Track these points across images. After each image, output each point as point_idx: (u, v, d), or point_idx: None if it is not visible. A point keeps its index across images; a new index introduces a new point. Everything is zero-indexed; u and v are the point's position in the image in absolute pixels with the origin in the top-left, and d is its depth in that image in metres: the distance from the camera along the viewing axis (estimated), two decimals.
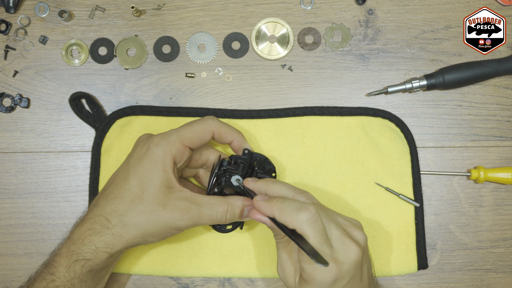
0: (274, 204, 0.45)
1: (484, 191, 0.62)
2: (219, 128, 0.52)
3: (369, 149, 0.60)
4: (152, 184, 0.47)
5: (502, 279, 0.61)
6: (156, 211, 0.47)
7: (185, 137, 0.49)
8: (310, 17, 0.63)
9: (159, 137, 0.49)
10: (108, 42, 0.63)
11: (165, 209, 0.47)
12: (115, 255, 0.49)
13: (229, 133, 0.53)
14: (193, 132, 0.50)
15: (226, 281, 0.61)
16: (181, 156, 0.49)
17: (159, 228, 0.48)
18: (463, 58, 0.62)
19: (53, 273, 0.48)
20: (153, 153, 0.48)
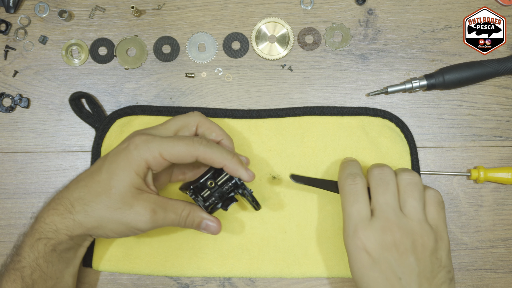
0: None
1: (484, 191, 0.62)
2: (206, 154, 0.48)
3: (369, 149, 0.60)
4: (122, 183, 0.47)
5: (502, 279, 0.61)
6: (120, 210, 0.47)
7: (165, 150, 0.48)
8: (310, 17, 0.63)
9: (141, 139, 0.48)
10: (108, 42, 0.63)
11: (130, 209, 0.48)
12: (76, 238, 0.50)
13: (218, 159, 0.49)
14: (174, 149, 0.48)
15: (226, 281, 0.61)
16: (158, 166, 0.49)
17: (121, 226, 0.48)
18: (463, 58, 0.62)
19: (19, 254, 0.49)
20: (130, 154, 0.48)
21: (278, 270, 0.59)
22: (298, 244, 0.60)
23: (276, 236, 0.60)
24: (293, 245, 0.60)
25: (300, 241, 0.60)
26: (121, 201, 0.47)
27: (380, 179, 0.50)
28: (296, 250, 0.59)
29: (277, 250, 0.59)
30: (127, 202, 0.47)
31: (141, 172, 0.48)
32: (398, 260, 0.47)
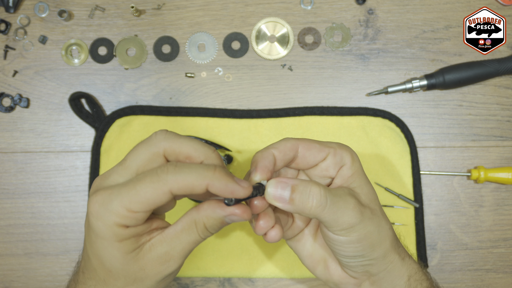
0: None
1: (484, 191, 0.62)
2: (179, 183, 0.34)
3: (369, 149, 0.60)
4: (114, 262, 0.37)
5: (503, 279, 0.61)
6: (136, 281, 0.38)
7: (131, 203, 0.34)
8: (310, 17, 0.63)
9: (98, 204, 0.35)
10: (108, 42, 0.63)
11: (145, 276, 0.37)
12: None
13: (197, 183, 0.34)
14: (140, 195, 0.34)
15: (226, 281, 0.61)
16: (134, 221, 0.35)
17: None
18: (463, 58, 0.62)
19: None
20: (96, 228, 0.36)
21: (278, 270, 0.59)
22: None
23: None
24: None
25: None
26: (130, 277, 0.38)
27: None
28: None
29: (277, 250, 0.59)
30: (135, 273, 0.37)
31: (119, 238, 0.36)
32: None
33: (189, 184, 0.34)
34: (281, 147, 0.41)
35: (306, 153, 0.42)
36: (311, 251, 0.46)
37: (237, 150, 0.60)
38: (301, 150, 0.42)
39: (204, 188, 0.34)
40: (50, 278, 0.61)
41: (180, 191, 0.34)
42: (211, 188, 0.34)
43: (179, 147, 0.37)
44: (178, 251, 0.37)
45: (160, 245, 0.37)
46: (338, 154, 0.42)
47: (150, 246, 0.37)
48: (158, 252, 0.37)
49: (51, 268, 0.61)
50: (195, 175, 0.34)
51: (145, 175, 0.35)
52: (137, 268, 0.37)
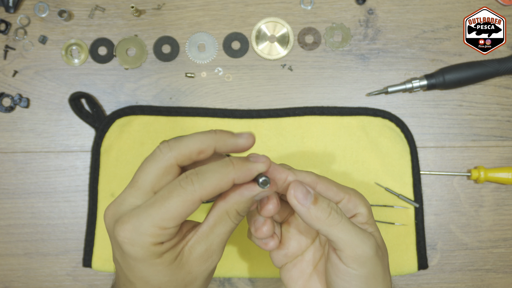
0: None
1: (484, 191, 0.62)
2: (207, 190, 0.34)
3: (369, 149, 0.60)
4: (161, 277, 0.36)
5: (503, 279, 0.61)
6: (188, 286, 0.38)
7: (163, 220, 0.34)
8: (310, 17, 0.63)
9: (129, 230, 0.35)
10: (107, 42, 0.63)
11: (194, 278, 0.37)
12: None
13: (223, 183, 0.35)
14: (171, 212, 0.34)
15: (226, 281, 0.61)
16: (166, 236, 0.35)
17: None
18: (463, 58, 0.62)
19: None
20: (133, 254, 0.35)
21: (278, 270, 0.59)
22: None
23: None
24: None
25: None
26: (180, 285, 0.37)
27: None
28: None
29: None
30: (185, 282, 0.37)
31: (160, 253, 0.35)
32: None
33: (217, 186, 0.34)
34: (300, 176, 0.40)
35: (323, 192, 0.40)
36: (305, 284, 0.43)
37: None
38: (318, 188, 0.40)
39: (231, 184, 0.35)
40: (50, 278, 0.61)
41: (209, 196, 0.35)
42: (237, 181, 0.35)
43: (186, 149, 0.36)
44: (217, 244, 0.37)
45: (198, 244, 0.37)
46: (352, 201, 0.41)
47: (190, 248, 0.37)
48: (199, 251, 0.37)
49: (51, 268, 0.61)
50: (219, 175, 0.35)
51: (169, 190, 0.34)
52: (185, 274, 0.37)
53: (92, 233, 0.60)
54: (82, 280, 0.61)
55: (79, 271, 0.61)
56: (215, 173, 0.34)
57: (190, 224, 0.38)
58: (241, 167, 0.35)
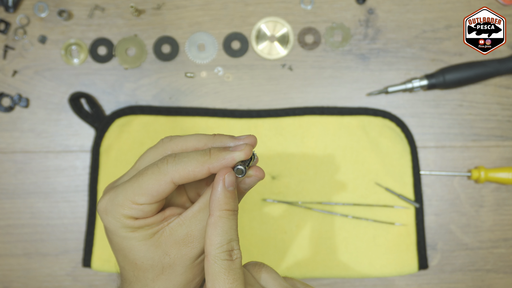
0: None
1: (484, 191, 0.62)
2: (179, 172, 0.35)
3: (369, 149, 0.60)
4: (136, 252, 0.37)
5: (503, 280, 0.61)
6: (165, 270, 0.38)
7: (135, 195, 0.36)
8: (310, 16, 0.63)
9: (105, 200, 0.37)
10: (107, 41, 0.63)
11: (171, 262, 0.37)
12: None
13: (197, 169, 0.35)
14: (142, 188, 0.35)
15: None
16: (139, 213, 0.36)
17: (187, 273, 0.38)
18: (463, 57, 0.62)
19: None
20: (107, 224, 0.37)
21: (277, 270, 0.59)
22: (298, 245, 0.59)
23: (276, 237, 0.59)
24: (293, 245, 0.59)
25: (300, 242, 0.59)
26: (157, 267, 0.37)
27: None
28: (295, 251, 0.59)
29: (277, 251, 0.59)
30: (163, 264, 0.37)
31: (134, 227, 0.36)
32: None
33: (190, 171, 0.35)
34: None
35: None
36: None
37: None
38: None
39: (206, 172, 0.35)
40: (49, 278, 0.61)
41: (181, 179, 0.35)
42: (213, 170, 0.35)
43: (184, 143, 0.38)
44: (199, 230, 0.37)
45: (179, 227, 0.37)
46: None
47: (170, 229, 0.37)
48: (179, 234, 0.37)
49: (50, 268, 0.61)
50: (194, 162, 0.35)
51: (146, 168, 0.36)
52: (161, 254, 0.37)
53: (91, 233, 0.60)
54: (82, 280, 0.61)
55: (78, 271, 0.61)
56: (191, 159, 0.35)
57: (177, 211, 0.38)
58: (217, 156, 0.35)
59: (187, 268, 0.38)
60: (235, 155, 0.35)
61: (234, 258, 0.35)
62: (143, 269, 0.37)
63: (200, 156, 0.36)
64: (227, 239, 0.35)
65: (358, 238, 0.59)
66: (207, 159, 0.35)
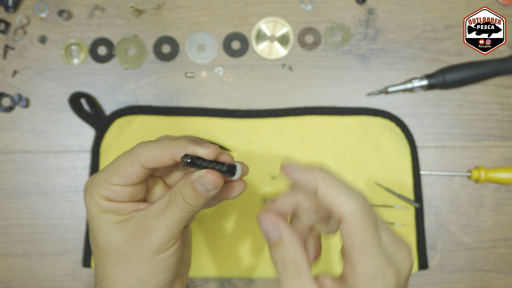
0: (318, 174, 0.35)
1: (485, 191, 0.62)
2: (146, 154, 0.37)
3: (369, 149, 0.60)
4: (100, 234, 0.39)
5: (503, 280, 0.61)
6: (122, 258, 0.38)
7: (109, 175, 0.38)
8: (310, 16, 0.63)
9: (87, 182, 0.39)
10: (107, 41, 0.63)
11: (129, 251, 0.38)
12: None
13: (160, 153, 0.37)
14: (115, 168, 0.38)
15: (226, 281, 0.61)
16: (111, 193, 0.38)
17: (146, 265, 0.38)
18: (464, 57, 0.62)
19: None
20: (85, 202, 0.39)
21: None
22: None
23: None
24: None
25: None
26: (115, 253, 0.38)
27: None
28: None
29: None
30: (121, 251, 0.38)
31: (104, 209, 0.38)
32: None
33: (155, 154, 0.37)
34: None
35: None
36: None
37: (237, 150, 0.60)
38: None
39: (169, 157, 0.37)
40: (49, 278, 0.61)
41: (147, 161, 0.37)
42: (175, 156, 0.37)
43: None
44: (161, 225, 0.38)
45: (143, 218, 0.38)
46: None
47: (135, 219, 0.38)
48: (141, 224, 0.38)
49: (50, 268, 0.61)
50: (159, 145, 0.37)
51: (122, 153, 0.39)
52: (121, 240, 0.38)
53: None
54: (82, 280, 0.61)
55: (78, 271, 0.61)
56: (158, 143, 0.37)
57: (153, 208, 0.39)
58: (180, 144, 0.37)
59: (142, 262, 0.38)
60: (197, 149, 0.36)
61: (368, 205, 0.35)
62: (103, 252, 0.39)
63: (165, 141, 0.37)
64: (350, 189, 0.35)
65: None
66: (171, 144, 0.37)
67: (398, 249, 0.35)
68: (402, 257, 0.35)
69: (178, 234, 0.39)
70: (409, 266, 0.35)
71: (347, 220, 0.33)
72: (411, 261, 0.35)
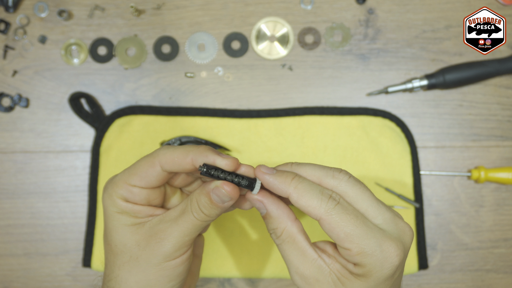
0: (290, 182, 0.36)
1: (484, 191, 0.62)
2: (167, 158, 0.38)
3: (369, 149, 0.60)
4: (114, 234, 0.39)
5: (503, 280, 0.61)
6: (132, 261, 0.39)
7: (129, 175, 0.39)
8: (310, 16, 0.63)
9: (108, 180, 0.40)
10: (107, 41, 0.63)
11: (140, 254, 0.38)
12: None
13: (181, 158, 0.37)
14: (135, 169, 0.38)
15: (226, 281, 0.61)
16: (129, 194, 0.38)
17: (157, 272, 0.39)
18: (463, 57, 0.62)
19: None
20: (103, 202, 0.40)
21: (278, 270, 0.59)
22: None
23: None
24: None
25: None
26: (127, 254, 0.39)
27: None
28: None
29: (277, 251, 0.59)
30: (132, 254, 0.39)
31: (121, 209, 0.39)
32: None
33: (175, 158, 0.37)
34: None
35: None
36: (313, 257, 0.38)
37: (237, 150, 0.60)
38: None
39: (189, 162, 0.37)
40: (49, 278, 0.61)
41: (167, 164, 0.38)
42: (195, 161, 0.37)
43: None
44: (174, 232, 0.38)
45: (158, 223, 0.39)
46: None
47: (150, 224, 0.39)
48: (155, 229, 0.38)
49: (50, 268, 0.61)
50: (180, 150, 0.38)
51: (144, 156, 0.39)
52: (134, 243, 0.38)
53: (91, 233, 0.60)
54: (82, 280, 0.61)
55: (78, 271, 0.61)
56: (179, 148, 0.38)
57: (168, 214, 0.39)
58: (202, 151, 0.37)
59: (152, 266, 0.38)
60: (217, 159, 0.37)
61: (338, 200, 0.36)
62: (115, 253, 0.39)
63: (187, 147, 0.38)
64: (319, 193, 0.36)
65: None
66: (192, 150, 0.37)
67: (396, 223, 0.37)
68: (401, 229, 0.37)
69: (190, 243, 0.39)
70: (408, 236, 0.37)
71: (324, 219, 0.36)
72: (410, 230, 0.37)
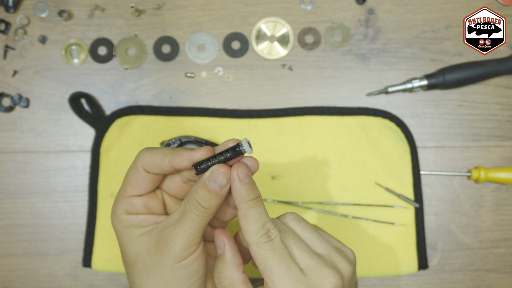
0: (250, 201, 0.38)
1: (484, 191, 0.62)
2: (146, 159, 0.39)
3: (369, 149, 0.60)
4: (126, 247, 0.40)
5: (503, 280, 0.61)
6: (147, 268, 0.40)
7: (124, 188, 0.41)
8: (310, 16, 0.63)
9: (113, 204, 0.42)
10: (107, 41, 0.63)
11: (152, 261, 0.39)
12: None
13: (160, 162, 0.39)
14: (126, 179, 0.41)
15: None
16: (128, 205, 0.40)
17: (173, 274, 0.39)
18: (463, 57, 0.62)
19: None
20: (112, 222, 0.42)
21: None
22: None
23: None
24: None
25: None
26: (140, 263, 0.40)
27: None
28: None
29: None
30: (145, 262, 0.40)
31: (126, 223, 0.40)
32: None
33: (155, 160, 0.39)
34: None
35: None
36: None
37: None
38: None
39: (168, 164, 0.39)
40: (49, 278, 0.61)
41: (148, 167, 0.39)
42: (172, 163, 0.39)
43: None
44: (179, 233, 0.39)
45: (162, 229, 0.39)
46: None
47: (155, 231, 0.40)
48: (161, 235, 0.39)
49: (50, 268, 0.61)
50: (159, 153, 0.39)
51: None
52: (145, 252, 0.40)
53: (91, 233, 0.60)
54: (82, 280, 0.61)
55: (79, 271, 0.61)
56: (157, 150, 0.40)
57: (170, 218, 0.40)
58: (176, 152, 0.39)
59: (166, 270, 0.39)
60: (192, 155, 0.38)
61: (273, 237, 0.37)
62: (130, 265, 0.40)
63: (165, 149, 0.40)
64: (261, 224, 0.37)
65: (358, 238, 0.59)
66: (168, 153, 0.39)
67: (317, 271, 0.37)
68: (321, 278, 0.37)
69: (198, 240, 0.39)
70: (326, 286, 0.37)
71: (251, 248, 0.37)
72: (333, 279, 0.38)
